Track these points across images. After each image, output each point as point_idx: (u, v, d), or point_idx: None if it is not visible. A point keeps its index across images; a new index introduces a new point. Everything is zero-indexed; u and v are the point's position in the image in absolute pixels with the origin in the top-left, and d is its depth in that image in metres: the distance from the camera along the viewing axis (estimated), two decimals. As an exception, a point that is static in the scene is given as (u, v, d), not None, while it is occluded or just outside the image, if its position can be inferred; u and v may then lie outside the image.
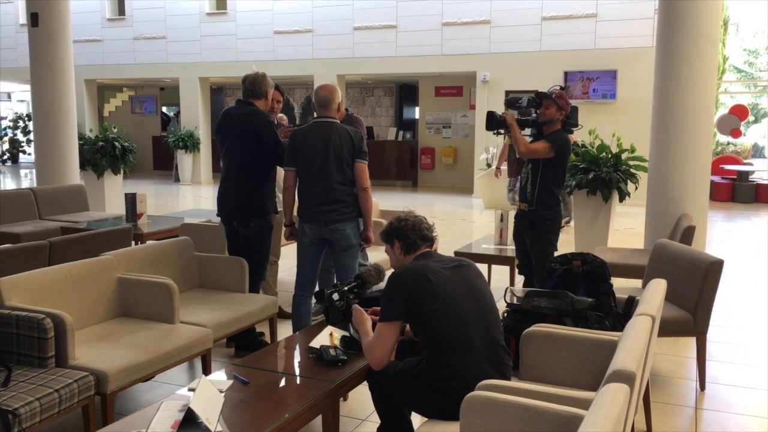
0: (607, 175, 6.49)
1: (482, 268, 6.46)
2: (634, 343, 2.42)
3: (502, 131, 4.85)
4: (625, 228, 9.83)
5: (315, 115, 4.25)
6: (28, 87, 20.72)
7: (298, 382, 2.83)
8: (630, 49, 12.57)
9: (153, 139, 19.57)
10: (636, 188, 6.67)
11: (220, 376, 2.84)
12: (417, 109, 17.46)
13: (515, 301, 3.24)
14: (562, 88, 4.89)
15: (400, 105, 18.27)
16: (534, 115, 4.83)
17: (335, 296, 3.50)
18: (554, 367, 2.94)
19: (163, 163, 18.74)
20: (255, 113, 4.41)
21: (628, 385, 2.07)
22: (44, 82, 8.65)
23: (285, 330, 4.62)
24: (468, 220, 11.40)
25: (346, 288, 3.58)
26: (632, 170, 6.66)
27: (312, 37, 15.42)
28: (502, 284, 6.17)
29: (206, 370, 3.69)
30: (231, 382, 2.73)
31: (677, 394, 4.04)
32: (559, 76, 13.07)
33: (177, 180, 17.03)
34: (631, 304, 3.38)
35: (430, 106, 16.76)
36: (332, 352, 3.00)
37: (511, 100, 4.92)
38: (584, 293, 3.29)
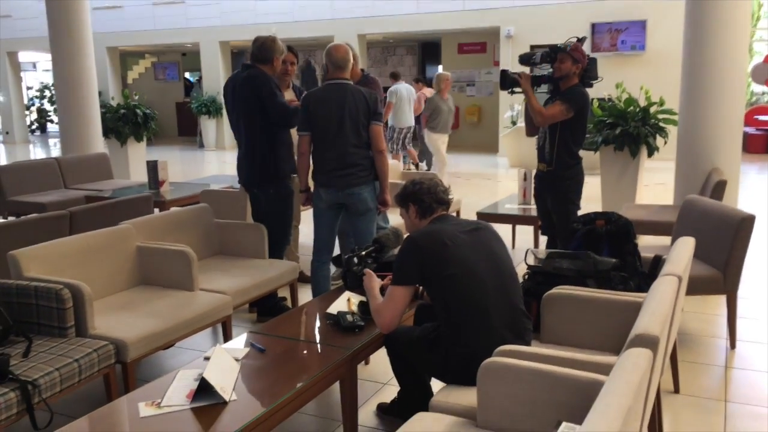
0: (635, 130, 6.29)
1: (506, 228, 6.38)
2: (659, 306, 2.33)
3: (517, 90, 4.70)
4: (655, 184, 9.61)
5: (327, 76, 4.15)
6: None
7: (314, 349, 2.80)
8: (660, -3, 12.12)
9: (176, 106, 19.60)
10: (665, 143, 6.46)
11: (240, 343, 2.83)
12: (440, 67, 17.14)
13: (536, 263, 3.16)
14: (578, 39, 4.70)
15: (422, 63, 17.98)
16: (550, 70, 4.66)
17: (353, 261, 3.46)
18: (576, 330, 2.87)
19: (187, 129, 18.81)
20: (254, 77, 4.32)
21: (651, 349, 1.99)
22: (63, 51, 8.63)
23: (306, 295, 4.61)
24: (493, 179, 11.25)
25: (363, 252, 3.54)
26: (661, 124, 6.44)
27: (331, -4, 15.15)
28: (527, 245, 6.08)
29: (227, 337, 3.69)
30: (248, 349, 2.71)
31: (706, 353, 3.95)
32: (586, 28, 12.67)
33: (201, 146, 17.07)
34: (657, 263, 3.27)
35: (453, 63, 16.45)
36: (349, 318, 2.97)
37: (525, 56, 4.73)
38: (608, 254, 3.19)
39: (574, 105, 4.41)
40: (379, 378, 3.60)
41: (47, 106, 21.40)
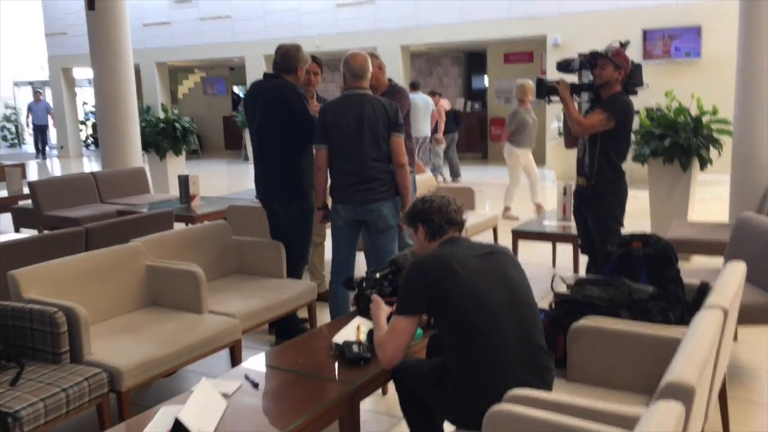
0: (686, 141, 5.86)
1: (546, 247, 6.04)
2: (697, 347, 2.02)
3: (554, 98, 4.40)
4: (712, 198, 9.06)
5: (345, 86, 3.94)
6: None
7: (313, 383, 2.56)
8: (715, 2, 11.53)
9: (223, 119, 19.78)
10: (719, 155, 6.01)
11: (251, 365, 2.63)
12: (486, 77, 16.81)
13: (564, 290, 2.85)
14: (621, 44, 4.37)
15: (468, 74, 17.67)
16: (590, 77, 4.34)
17: (366, 284, 3.22)
18: (607, 368, 2.55)
19: (233, 142, 18.93)
20: (283, 85, 4.14)
21: (684, 402, 1.69)
22: (104, 66, 8.68)
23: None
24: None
25: (378, 275, 3.29)
26: (715, 135, 6.00)
27: (374, 8, 15.02)
28: (567, 264, 5.73)
29: (234, 362, 3.48)
30: (240, 383, 2.50)
31: (761, 390, 3.54)
32: (637, 34, 12.18)
33: (246, 159, 17.13)
34: (704, 291, 2.91)
35: (499, 74, 16.10)
36: (355, 348, 2.72)
37: (563, 63, 4.43)
38: (645, 280, 2.86)
39: (615, 114, 4.09)
40: (397, 411, 3.33)
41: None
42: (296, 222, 4.23)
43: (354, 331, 2.93)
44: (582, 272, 5.09)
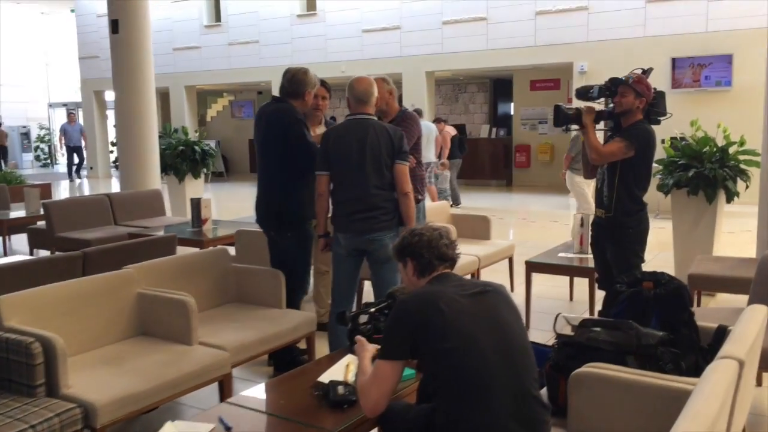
0: (711, 172, 5.61)
1: (563, 280, 5.80)
2: (706, 403, 1.81)
3: (574, 128, 4.23)
4: (743, 231, 8.71)
5: (350, 111, 3.81)
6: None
7: (290, 428, 2.39)
8: (747, 30, 11.23)
9: (249, 142, 19.86)
10: (747, 187, 5.74)
11: (230, 404, 2.48)
12: (512, 104, 16.64)
13: (568, 331, 2.65)
14: (644, 71, 4.19)
15: (494, 101, 17.52)
16: (611, 105, 4.16)
17: (361, 319, 3.05)
18: (610, 420, 2.33)
19: (258, 165, 19.00)
20: (283, 110, 4.03)
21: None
22: (125, 89, 8.74)
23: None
24: (560, 221, 10.57)
25: (374, 309, 3.12)
26: (742, 166, 5.74)
27: (400, 34, 15.02)
28: (585, 297, 5.48)
29: (223, 398, 3.32)
30: (213, 426, 2.33)
31: (789, 444, 3.27)
32: (666, 63, 11.94)
33: (270, 182, 17.15)
34: (722, 336, 2.69)
35: (525, 100, 15.92)
36: (341, 390, 2.54)
37: (582, 90, 4.26)
38: (656, 323, 2.65)
39: (635, 142, 3.90)
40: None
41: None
42: (293, 250, 4.09)
43: (343, 369, 2.76)
44: (599, 308, 4.85)
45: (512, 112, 16.63)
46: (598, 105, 4.28)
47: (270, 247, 4.29)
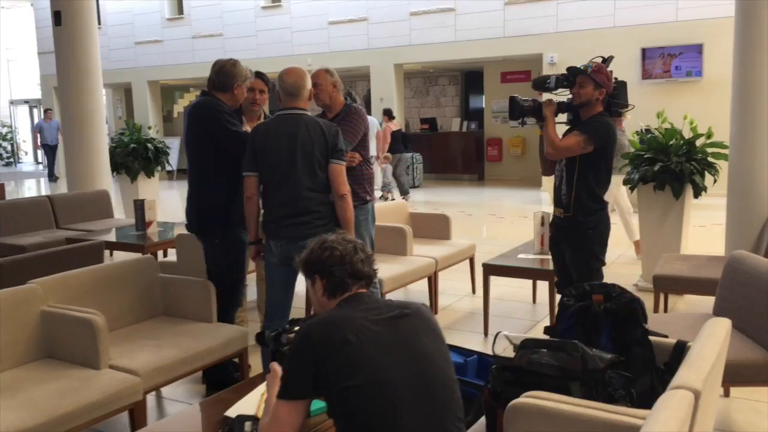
0: (678, 167, 5.35)
1: (525, 283, 5.51)
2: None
3: (529, 121, 3.93)
4: (713, 224, 8.51)
5: (280, 106, 3.46)
6: (102, 90, 21.19)
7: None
8: (718, 19, 11.04)
9: (217, 139, 19.42)
10: (715, 181, 5.50)
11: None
12: (483, 97, 16.38)
13: (507, 353, 2.34)
14: (604, 60, 3.90)
15: (466, 94, 17.25)
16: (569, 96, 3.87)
17: (281, 340, 2.71)
18: (551, 459, 2.03)
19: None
20: (203, 104, 3.69)
21: None
22: (70, 84, 8.27)
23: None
24: (531, 217, 10.29)
25: (297, 328, 2.78)
26: (710, 159, 5.48)
27: (367, 26, 14.66)
28: (547, 300, 5.20)
29: (135, 428, 2.97)
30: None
31: (758, 463, 3.00)
32: (636, 53, 11.75)
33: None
34: (681, 353, 2.41)
35: (496, 93, 15.66)
36: (247, 428, 2.21)
37: (539, 81, 3.96)
38: (607, 341, 2.35)
39: (594, 136, 3.62)
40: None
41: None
42: (222, 258, 3.74)
43: (256, 401, 2.43)
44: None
45: (483, 105, 16.37)
46: (557, 96, 3.99)
47: (205, 256, 3.94)
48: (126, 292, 3.65)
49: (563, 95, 3.93)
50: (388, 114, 12.42)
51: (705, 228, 8.34)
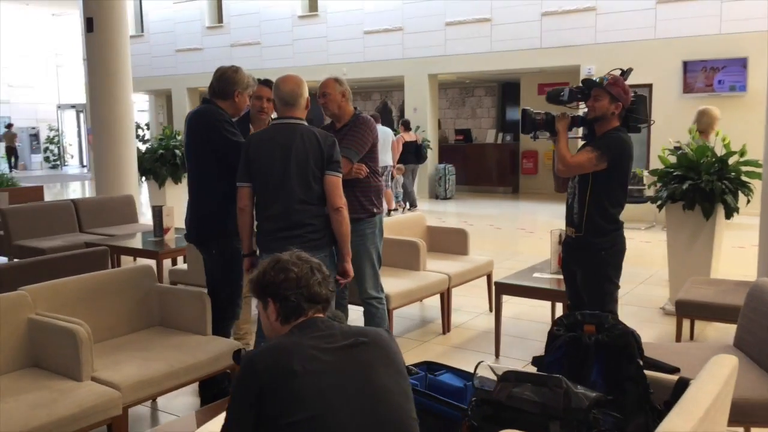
0: (708, 185, 5.08)
1: (543, 302, 5.28)
2: None
3: (542, 134, 3.77)
4: (752, 245, 8.11)
5: (278, 115, 3.36)
6: (146, 97, 21.54)
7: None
8: (763, 32, 10.60)
9: (253, 146, 19.58)
10: (748, 201, 5.20)
11: None
12: (520, 109, 16.10)
13: (487, 385, 2.17)
14: (623, 72, 3.70)
15: (502, 105, 17.00)
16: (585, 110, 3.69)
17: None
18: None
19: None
20: (203, 113, 3.62)
21: None
22: (100, 90, 8.37)
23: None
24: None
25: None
26: (744, 178, 5.19)
27: (402, 36, 14.56)
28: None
29: (113, 445, 2.89)
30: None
31: None
32: (678, 66, 11.35)
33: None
34: (683, 391, 2.20)
35: (532, 104, 15.11)
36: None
37: (553, 93, 3.79)
38: (597, 376, 2.16)
39: (608, 153, 3.43)
40: None
41: (140, 145, 21.91)
42: (219, 269, 3.66)
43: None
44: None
45: (519, 117, 16.07)
46: (574, 110, 3.82)
47: (204, 266, 3.86)
48: (120, 302, 3.59)
49: (576, 109, 3.75)
50: (405, 125, 12.51)
51: (744, 249, 7.96)
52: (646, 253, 8.26)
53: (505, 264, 7.36)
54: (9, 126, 24.41)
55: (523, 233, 10.28)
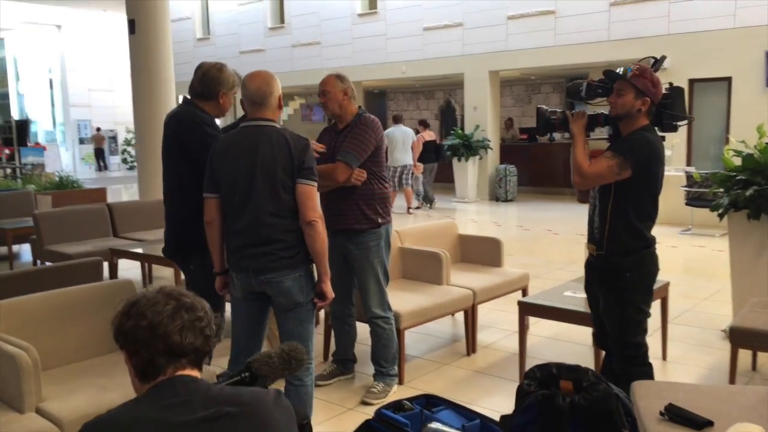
0: (777, 191, 4.39)
1: (584, 330, 4.71)
2: None
3: (562, 135, 3.27)
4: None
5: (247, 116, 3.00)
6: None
7: None
8: None
9: (314, 147, 19.52)
10: (827, 211, 4.46)
11: None
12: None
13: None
14: (655, 61, 3.16)
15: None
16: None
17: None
18: None
19: (323, 170, 18.61)
20: (182, 114, 3.30)
21: None
22: (143, 92, 8.32)
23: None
24: (625, 239, 9.21)
25: (226, 383, 2.30)
26: (821, 183, 4.46)
27: (462, 32, 14.03)
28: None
29: (50, 484, 2.60)
30: None
31: None
32: (760, 58, 10.36)
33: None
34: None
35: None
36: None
37: (572, 88, 3.27)
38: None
39: (631, 159, 2.91)
40: None
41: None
42: (198, 285, 3.31)
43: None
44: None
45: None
46: (599, 107, 3.29)
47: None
48: (93, 321, 3.32)
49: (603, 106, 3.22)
50: (423, 124, 12.62)
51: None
52: (717, 264, 7.46)
53: (555, 275, 6.79)
54: (98, 129, 25.54)
55: (581, 240, 9.56)
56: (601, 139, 3.35)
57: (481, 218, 11.91)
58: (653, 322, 4.70)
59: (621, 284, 3.02)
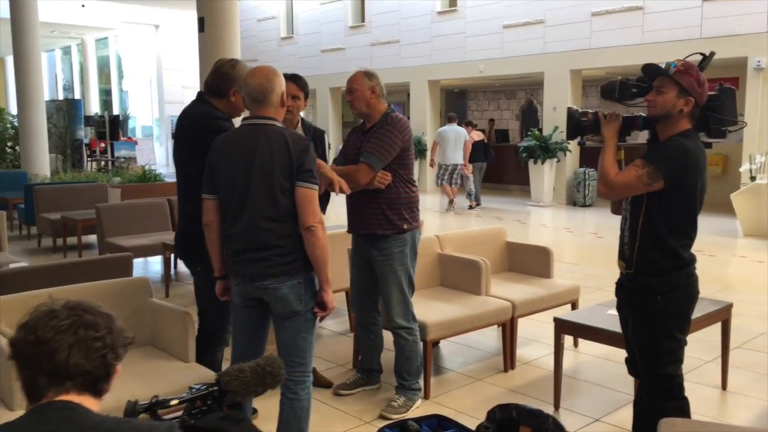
0: None
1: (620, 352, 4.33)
2: None
3: (592, 138, 2.96)
4: None
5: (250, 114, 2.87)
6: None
7: None
8: None
9: (393, 146, 19.41)
10: None
11: None
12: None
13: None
14: (704, 58, 2.81)
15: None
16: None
17: (157, 410, 2.12)
18: None
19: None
20: (195, 112, 3.20)
21: None
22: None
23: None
24: (720, 254, 8.49)
25: (190, 398, 2.17)
26: None
27: (543, 29, 13.52)
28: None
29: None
30: None
31: None
32: None
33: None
34: None
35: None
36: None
37: (607, 87, 2.95)
38: None
39: (664, 168, 2.59)
40: None
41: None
42: (206, 289, 3.22)
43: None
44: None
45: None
46: (638, 108, 2.97)
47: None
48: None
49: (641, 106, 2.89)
50: (470, 124, 12.78)
51: None
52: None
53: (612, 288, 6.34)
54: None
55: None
56: (637, 144, 3.01)
57: (554, 224, 11.43)
58: (713, 348, 4.29)
59: (650, 308, 2.69)
